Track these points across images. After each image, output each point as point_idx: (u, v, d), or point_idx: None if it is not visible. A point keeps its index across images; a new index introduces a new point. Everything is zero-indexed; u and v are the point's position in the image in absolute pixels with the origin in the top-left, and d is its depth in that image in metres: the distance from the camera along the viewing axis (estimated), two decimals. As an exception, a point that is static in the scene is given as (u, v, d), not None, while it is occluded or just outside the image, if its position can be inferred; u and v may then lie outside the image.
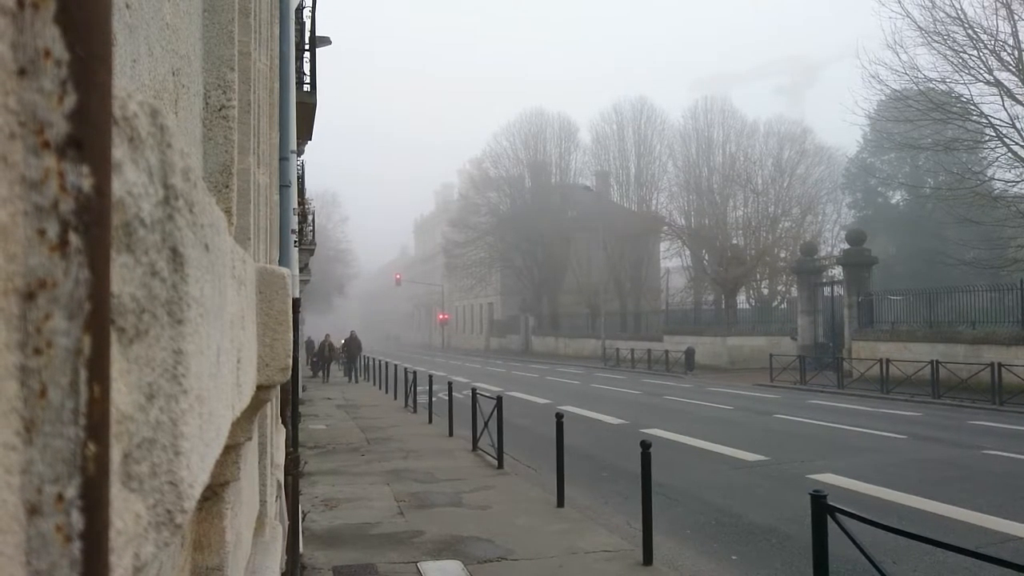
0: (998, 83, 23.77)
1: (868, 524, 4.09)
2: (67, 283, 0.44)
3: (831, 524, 4.20)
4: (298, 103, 8.11)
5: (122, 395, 0.56)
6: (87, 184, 0.44)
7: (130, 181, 0.55)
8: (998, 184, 26.82)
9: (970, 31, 23.70)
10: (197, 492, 0.70)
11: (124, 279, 0.56)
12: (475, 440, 12.76)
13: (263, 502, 3.23)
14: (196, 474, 0.70)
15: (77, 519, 0.43)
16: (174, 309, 0.65)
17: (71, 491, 0.43)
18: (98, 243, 0.45)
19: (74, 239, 0.44)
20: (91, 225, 0.45)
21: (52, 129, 0.43)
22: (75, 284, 0.44)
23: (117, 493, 0.53)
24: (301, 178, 18.48)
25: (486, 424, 11.92)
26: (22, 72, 0.42)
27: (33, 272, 0.43)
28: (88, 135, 0.44)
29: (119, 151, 0.52)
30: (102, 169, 0.46)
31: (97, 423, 0.45)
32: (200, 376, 0.75)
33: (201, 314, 0.75)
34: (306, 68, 13.23)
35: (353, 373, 33.48)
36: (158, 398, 0.61)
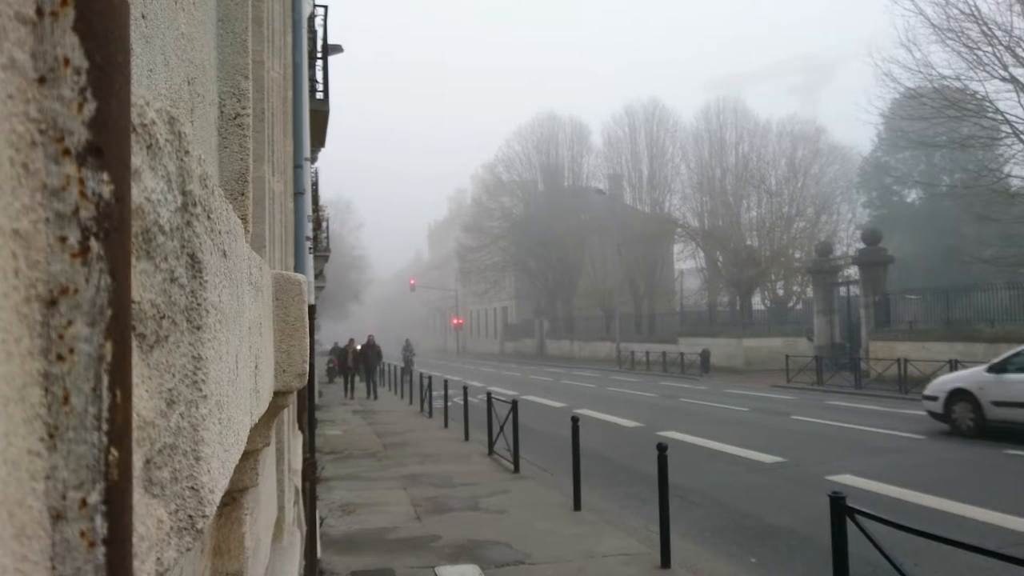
0: (1013, 79, 23.54)
1: (888, 525, 4.05)
2: (88, 290, 0.44)
3: (850, 525, 4.17)
4: (311, 111, 8.16)
5: (143, 401, 0.56)
6: (107, 191, 0.45)
7: (149, 188, 0.56)
8: (1015, 181, 26.54)
9: (984, 28, 23.48)
10: (217, 498, 0.70)
11: (144, 285, 0.57)
12: (491, 444, 12.75)
13: (281, 508, 3.24)
14: (216, 480, 0.70)
15: (101, 524, 0.43)
16: (193, 315, 0.65)
17: (95, 497, 0.43)
18: (118, 250, 0.46)
19: (95, 246, 0.44)
20: (111, 232, 0.45)
21: (72, 137, 0.43)
22: (96, 290, 0.44)
23: (139, 499, 0.54)
24: (315, 185, 18.56)
25: (502, 428, 11.91)
26: (42, 80, 0.42)
27: (55, 279, 0.43)
28: (107, 142, 0.45)
29: (138, 158, 0.53)
30: (121, 176, 0.46)
31: (119, 429, 0.45)
32: (219, 382, 0.75)
33: (219, 320, 0.75)
34: (319, 76, 13.29)
35: (373, 387, 27.22)
36: (178, 404, 0.62)
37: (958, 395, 14.30)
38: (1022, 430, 12.87)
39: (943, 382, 15.15)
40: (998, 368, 13.83)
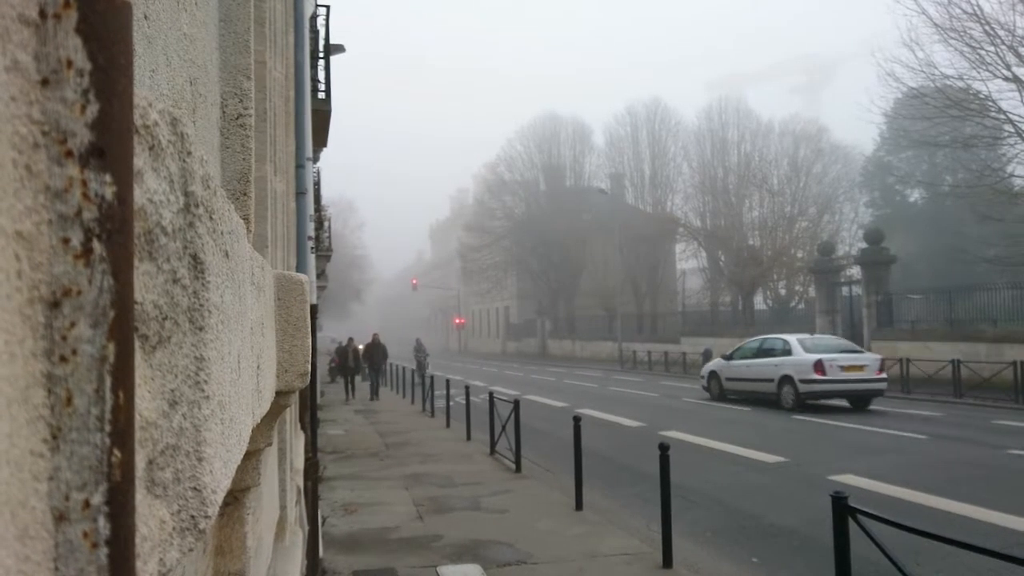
0: (1016, 79, 23.50)
1: (890, 525, 4.05)
2: (91, 291, 0.44)
3: (852, 526, 4.16)
4: (313, 110, 8.16)
5: (146, 402, 0.56)
6: (109, 192, 0.45)
7: (151, 189, 0.56)
8: (1018, 181, 26.49)
9: (987, 27, 23.45)
10: (220, 498, 0.71)
11: (146, 286, 0.57)
12: (493, 444, 12.75)
13: (283, 507, 3.24)
14: (219, 480, 0.70)
15: (104, 525, 0.43)
16: (195, 316, 0.65)
17: (97, 498, 0.43)
18: (121, 251, 0.46)
19: (97, 247, 0.44)
20: (114, 233, 0.45)
21: (75, 138, 0.43)
22: (99, 292, 0.44)
23: (142, 499, 0.54)
24: (317, 185, 18.57)
25: (504, 428, 11.91)
26: (45, 82, 0.42)
27: (58, 280, 0.43)
28: (110, 144, 0.45)
29: (140, 159, 0.53)
30: (124, 177, 0.46)
31: (122, 430, 0.45)
32: (221, 382, 0.75)
33: (222, 321, 0.75)
34: (321, 76, 13.30)
35: (377, 387, 26.15)
36: (181, 404, 0.62)
37: (712, 374, 21.84)
38: (737, 395, 20.65)
39: (707, 367, 22.83)
40: (728, 357, 21.39)
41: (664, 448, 6.79)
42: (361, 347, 28.67)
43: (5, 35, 0.40)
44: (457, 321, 76.06)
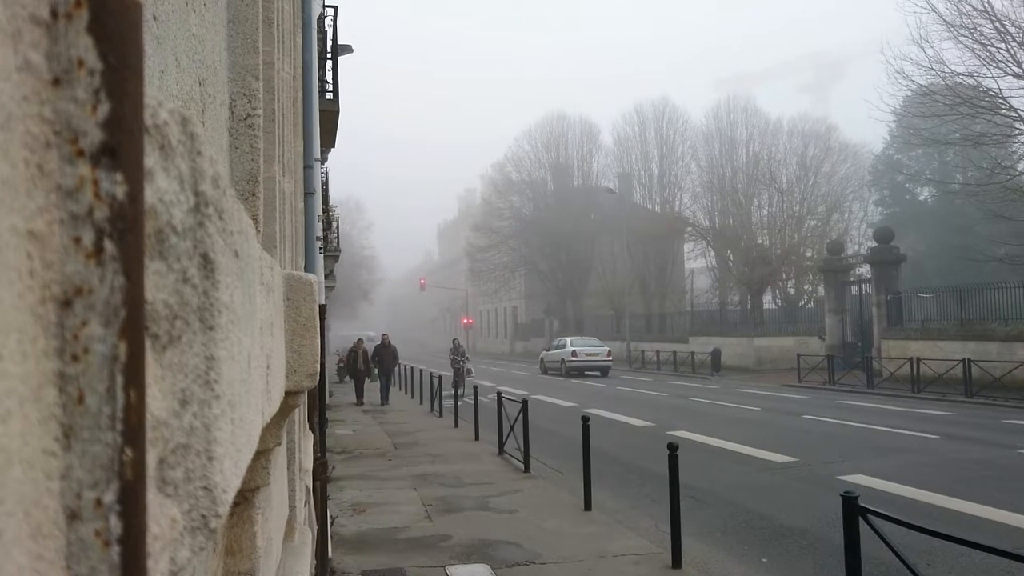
0: (1027, 76, 23.36)
1: (901, 525, 4.03)
2: (103, 290, 0.44)
3: (863, 526, 4.15)
4: (321, 111, 8.17)
5: (157, 401, 0.56)
6: (121, 192, 0.45)
7: (162, 188, 0.56)
8: (1029, 178, 26.34)
9: (997, 24, 23.30)
10: (230, 497, 0.71)
11: (157, 286, 0.57)
12: (501, 444, 12.75)
13: (292, 507, 3.25)
14: (229, 479, 0.70)
15: (115, 524, 0.44)
16: (206, 315, 0.65)
17: (109, 496, 0.44)
18: (132, 250, 0.46)
19: (109, 246, 0.44)
20: (125, 232, 0.45)
21: (86, 138, 0.43)
22: (110, 291, 0.44)
23: (153, 498, 0.54)
24: (325, 185, 18.60)
25: (512, 428, 11.91)
26: (57, 82, 0.42)
27: (70, 279, 0.43)
28: (121, 143, 0.45)
29: (151, 159, 0.53)
30: (135, 177, 0.46)
31: (133, 429, 0.45)
32: (231, 382, 0.75)
33: (232, 320, 0.75)
34: (328, 76, 13.33)
35: (386, 392, 24.07)
36: (191, 404, 0.62)
37: (542, 359, 38.77)
38: (552, 371, 36.64)
39: (540, 355, 40.08)
40: (547, 349, 39.93)
41: (673, 448, 6.78)
42: (365, 349, 26.10)
43: (17, 35, 0.40)
44: (465, 321, 75.99)
